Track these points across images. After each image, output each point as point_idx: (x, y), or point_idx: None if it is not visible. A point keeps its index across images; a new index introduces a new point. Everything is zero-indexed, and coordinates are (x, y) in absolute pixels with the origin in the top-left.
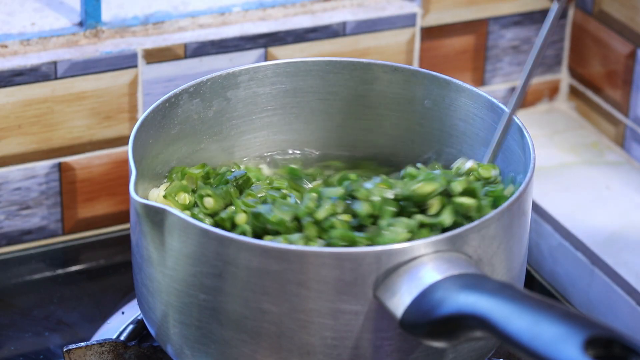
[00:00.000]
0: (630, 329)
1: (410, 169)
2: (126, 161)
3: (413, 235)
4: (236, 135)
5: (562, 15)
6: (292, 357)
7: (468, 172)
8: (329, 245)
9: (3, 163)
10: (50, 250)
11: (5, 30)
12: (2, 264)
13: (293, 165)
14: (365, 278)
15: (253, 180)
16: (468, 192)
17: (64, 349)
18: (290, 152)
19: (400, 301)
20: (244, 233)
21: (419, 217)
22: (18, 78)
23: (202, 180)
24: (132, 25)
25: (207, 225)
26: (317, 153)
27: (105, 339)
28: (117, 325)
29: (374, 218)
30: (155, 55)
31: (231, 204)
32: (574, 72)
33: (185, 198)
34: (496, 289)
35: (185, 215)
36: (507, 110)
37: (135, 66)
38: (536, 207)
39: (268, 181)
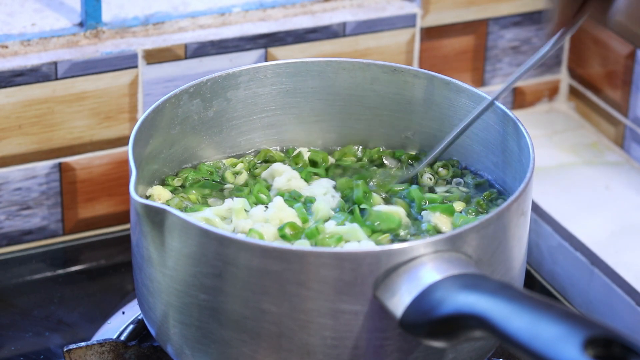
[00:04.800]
0: (630, 329)
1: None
2: (126, 161)
3: None
4: (236, 136)
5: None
6: (292, 357)
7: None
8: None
9: (3, 163)
10: (50, 250)
11: (6, 30)
12: (3, 264)
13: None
14: (365, 278)
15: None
16: None
17: (65, 349)
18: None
19: (400, 301)
20: None
21: None
22: (18, 78)
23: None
24: (132, 25)
25: (207, 225)
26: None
27: (105, 339)
28: (118, 325)
29: None
30: (156, 56)
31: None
32: (573, 73)
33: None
34: (496, 289)
35: (185, 215)
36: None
37: (136, 66)
38: (536, 207)
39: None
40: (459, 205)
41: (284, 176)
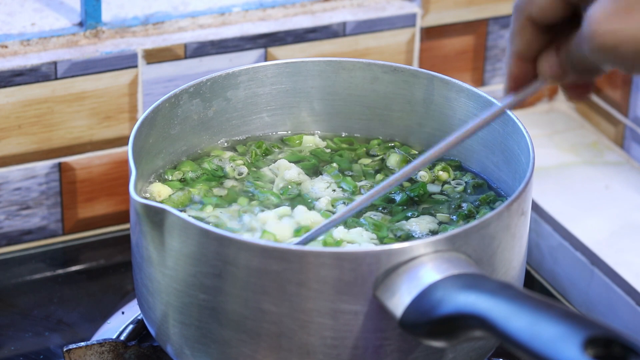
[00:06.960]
0: (630, 329)
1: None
2: (126, 161)
3: None
4: (236, 136)
5: None
6: (292, 357)
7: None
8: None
9: (3, 163)
10: (50, 250)
11: (6, 30)
12: (2, 264)
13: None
14: (365, 278)
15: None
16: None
17: (64, 349)
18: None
19: (399, 301)
20: None
21: None
22: (18, 78)
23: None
24: (132, 25)
25: (207, 225)
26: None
27: (105, 339)
28: (117, 325)
29: None
30: (155, 56)
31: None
32: None
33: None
34: (496, 288)
35: (185, 215)
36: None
37: (135, 66)
38: (536, 207)
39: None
40: (442, 217)
41: (294, 170)
